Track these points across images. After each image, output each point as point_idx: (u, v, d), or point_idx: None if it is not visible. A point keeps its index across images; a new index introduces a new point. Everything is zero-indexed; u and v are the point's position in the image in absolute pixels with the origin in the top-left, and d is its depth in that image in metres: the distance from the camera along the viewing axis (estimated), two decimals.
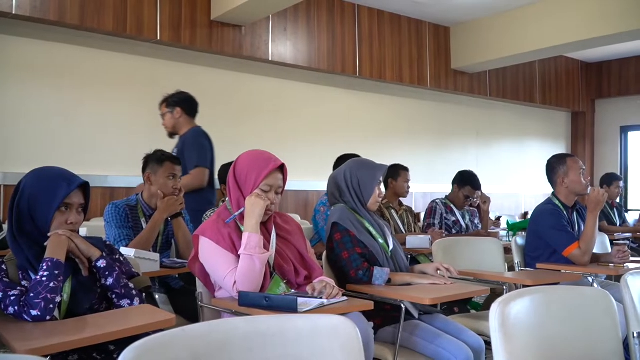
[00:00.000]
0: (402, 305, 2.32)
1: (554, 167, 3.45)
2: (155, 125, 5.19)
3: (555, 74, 8.50)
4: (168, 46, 5.17)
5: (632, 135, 9.00)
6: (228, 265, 2.14)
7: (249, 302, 2.00)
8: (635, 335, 1.92)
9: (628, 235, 5.52)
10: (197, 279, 2.32)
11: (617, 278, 3.16)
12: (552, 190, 3.51)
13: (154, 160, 3.10)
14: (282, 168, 2.30)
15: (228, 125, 5.60)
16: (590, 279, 3.18)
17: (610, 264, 3.26)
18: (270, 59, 5.62)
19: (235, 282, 2.11)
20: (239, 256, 2.14)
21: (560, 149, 9.08)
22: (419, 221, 5.02)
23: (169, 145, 3.79)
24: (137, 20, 4.84)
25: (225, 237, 2.18)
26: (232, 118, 5.65)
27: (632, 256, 4.22)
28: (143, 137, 5.06)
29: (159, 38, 4.95)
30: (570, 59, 8.69)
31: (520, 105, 8.27)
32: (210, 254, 2.19)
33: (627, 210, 7.92)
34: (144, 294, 2.05)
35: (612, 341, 1.68)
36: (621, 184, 6.35)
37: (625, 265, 3.21)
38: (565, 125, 9.22)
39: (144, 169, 3.13)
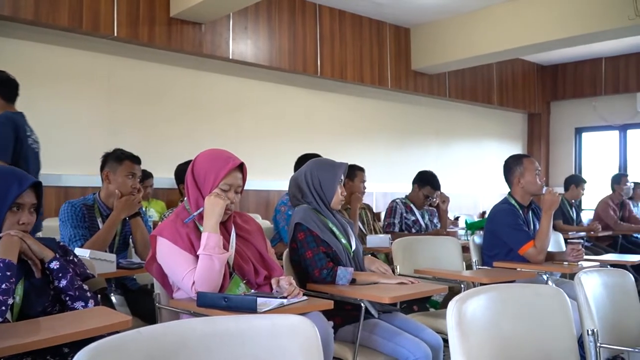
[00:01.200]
0: (362, 305, 2.34)
1: (510, 167, 3.53)
2: (112, 123, 5.11)
3: (512, 76, 8.69)
4: (125, 43, 5.07)
5: (586, 136, 9.27)
6: (186, 265, 2.11)
7: (207, 303, 1.97)
8: (589, 332, 1.97)
9: (582, 234, 5.68)
10: (154, 280, 2.29)
11: (572, 276, 3.24)
12: (509, 190, 3.58)
13: (113, 158, 3.04)
14: (241, 167, 2.28)
15: (187, 124, 5.54)
16: (545, 277, 3.26)
17: (565, 262, 3.35)
18: (230, 58, 5.57)
19: (194, 282, 2.08)
20: (197, 256, 2.12)
21: (516, 149, 9.27)
22: (378, 220, 5.05)
23: (128, 144, 3.70)
24: (93, 15, 4.73)
25: (184, 237, 2.16)
26: (192, 116, 5.58)
27: (586, 254, 4.35)
28: (99, 135, 4.95)
29: (115, 34, 4.85)
30: (526, 62, 8.89)
31: (478, 106, 8.42)
32: (168, 254, 2.15)
33: (581, 210, 8.16)
34: (99, 296, 2.01)
35: (566, 338, 1.72)
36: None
37: (579, 263, 3.31)
38: (521, 126, 9.43)
39: (102, 168, 3.06)
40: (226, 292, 2.11)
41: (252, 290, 2.20)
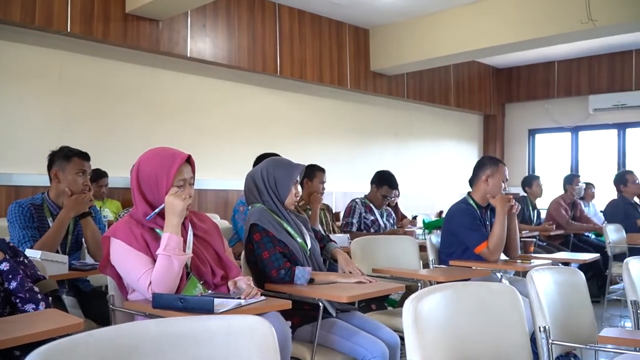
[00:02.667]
0: (320, 304, 2.34)
1: (485, 163, 3.59)
2: (65, 120, 4.97)
3: (468, 78, 8.85)
4: (79, 39, 4.95)
5: (539, 137, 9.52)
6: (142, 266, 2.08)
7: (163, 304, 1.94)
8: (541, 329, 2.02)
9: (535, 233, 5.82)
10: (109, 281, 2.24)
11: (525, 274, 3.33)
12: (467, 189, 3.65)
13: (61, 156, 2.95)
14: (188, 159, 2.24)
15: (144, 122, 5.44)
16: (498, 275, 3.34)
17: (518, 261, 3.43)
18: (188, 55, 5.50)
19: (150, 283, 2.05)
20: (153, 257, 2.08)
21: (472, 150, 9.46)
22: (337, 220, 5.07)
23: (81, 142, 3.61)
24: (47, 11, 4.59)
25: (138, 237, 2.12)
26: (149, 115, 5.49)
27: (539, 253, 4.47)
28: (51, 133, 4.81)
29: (69, 30, 4.72)
30: (482, 64, 9.08)
31: (436, 107, 8.55)
32: (123, 255, 2.11)
33: (534, 209, 8.36)
34: (50, 298, 1.96)
35: (519, 335, 1.76)
36: (541, 182, 6.72)
37: (531, 261, 3.40)
38: (477, 128, 9.61)
39: (49, 167, 2.97)
40: (183, 293, 2.08)
41: (210, 291, 2.18)
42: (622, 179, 5.96)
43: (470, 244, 3.40)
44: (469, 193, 3.63)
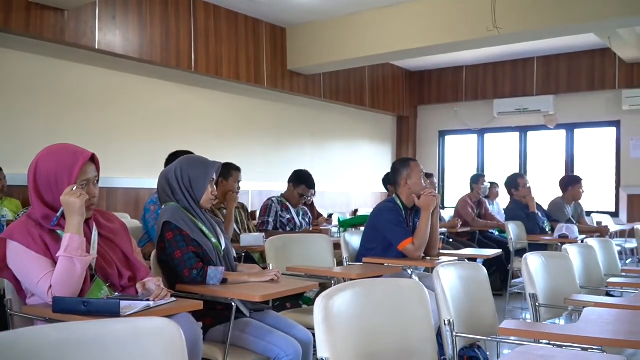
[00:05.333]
0: (233, 304, 2.32)
1: (398, 169, 3.71)
2: None
3: (383, 80, 9.06)
4: None
5: (448, 138, 9.90)
6: (41, 269, 1.97)
7: (64, 308, 1.85)
8: (446, 322, 2.11)
9: (443, 230, 6.05)
10: (6, 284, 2.11)
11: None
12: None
13: None
14: (92, 158, 2.15)
15: (49, 116, 5.16)
16: (409, 272, 3.44)
17: (427, 257, 3.56)
18: (96, 48, 5.27)
19: (50, 286, 1.95)
20: (53, 259, 1.98)
21: (387, 150, 9.70)
22: (253, 219, 5.04)
23: None
24: None
25: (37, 239, 2.00)
26: (54, 108, 5.21)
27: (446, 249, 4.65)
28: None
29: None
30: (396, 67, 9.32)
31: (351, 108, 8.69)
32: (20, 258, 1.99)
33: (443, 207, 8.71)
34: None
35: (425, 328, 1.83)
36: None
37: (439, 258, 3.53)
38: (391, 128, 9.87)
39: None
40: (87, 297, 2.00)
41: (116, 294, 2.10)
42: (514, 182, 6.12)
43: (395, 241, 3.50)
44: (396, 193, 3.73)
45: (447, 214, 7.31)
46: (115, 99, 5.70)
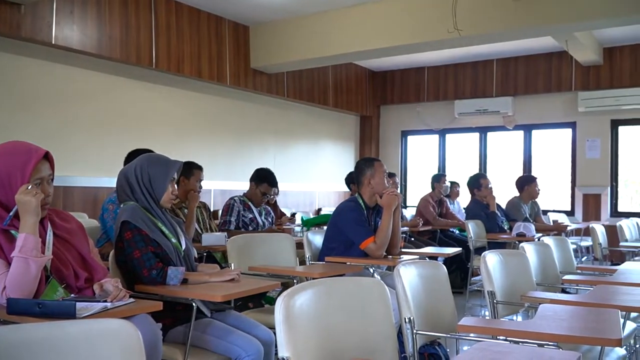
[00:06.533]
0: (193, 304, 2.29)
1: (362, 168, 3.72)
2: None
3: (346, 80, 9.10)
4: None
5: (410, 138, 10.01)
6: None
7: (19, 310, 1.81)
8: (406, 320, 2.12)
9: (405, 229, 6.11)
10: None
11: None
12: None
13: None
14: (46, 155, 2.09)
15: (2, 114, 5.01)
16: (371, 270, 3.46)
17: (389, 256, 3.59)
18: (53, 43, 5.14)
19: (4, 287, 1.89)
20: (7, 260, 1.92)
21: (350, 150, 9.74)
22: (215, 219, 4.99)
23: None
24: None
25: None
26: (8, 105, 5.05)
27: (408, 248, 4.69)
28: None
29: None
30: (359, 67, 9.37)
31: (315, 107, 8.70)
32: None
33: (405, 207, 8.79)
34: None
35: (386, 326, 1.84)
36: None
37: (401, 256, 3.57)
38: (354, 128, 9.92)
39: None
40: (42, 298, 1.95)
41: (72, 295, 2.05)
42: (477, 182, 6.22)
43: (357, 240, 3.52)
44: (358, 193, 3.75)
45: (409, 213, 7.39)
46: (72, 95, 5.56)
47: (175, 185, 2.72)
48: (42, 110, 5.29)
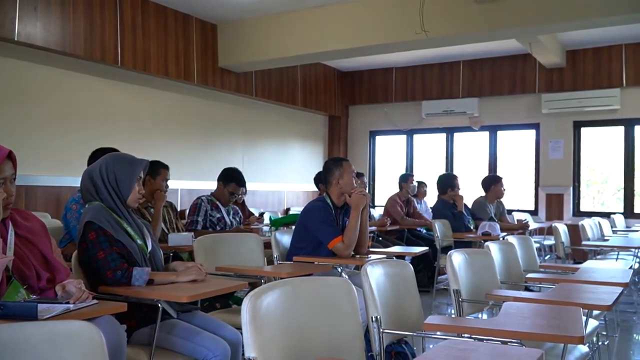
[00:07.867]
0: (159, 305, 2.26)
1: (330, 168, 3.73)
2: None
3: (314, 80, 9.11)
4: None
5: (378, 138, 10.08)
6: None
7: None
8: (373, 319, 2.13)
9: (373, 228, 6.15)
10: None
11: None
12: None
13: None
14: (9, 155, 2.05)
15: None
16: (339, 270, 3.47)
17: (357, 256, 3.60)
18: (16, 39, 5.01)
19: None
20: None
21: (318, 149, 9.76)
22: (182, 219, 4.94)
23: None
24: None
25: None
26: None
27: (376, 247, 4.72)
28: None
29: None
30: (328, 67, 9.39)
31: (283, 106, 8.68)
32: None
33: (373, 206, 8.85)
34: None
35: (353, 325, 1.85)
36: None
37: (368, 255, 3.59)
38: (323, 128, 9.93)
39: None
40: (3, 299, 1.90)
41: (34, 296, 2.01)
42: (451, 183, 6.22)
43: (325, 239, 3.52)
44: (326, 192, 3.75)
45: (377, 212, 7.44)
46: (35, 93, 5.44)
47: (142, 185, 2.69)
48: (4, 108, 5.16)
